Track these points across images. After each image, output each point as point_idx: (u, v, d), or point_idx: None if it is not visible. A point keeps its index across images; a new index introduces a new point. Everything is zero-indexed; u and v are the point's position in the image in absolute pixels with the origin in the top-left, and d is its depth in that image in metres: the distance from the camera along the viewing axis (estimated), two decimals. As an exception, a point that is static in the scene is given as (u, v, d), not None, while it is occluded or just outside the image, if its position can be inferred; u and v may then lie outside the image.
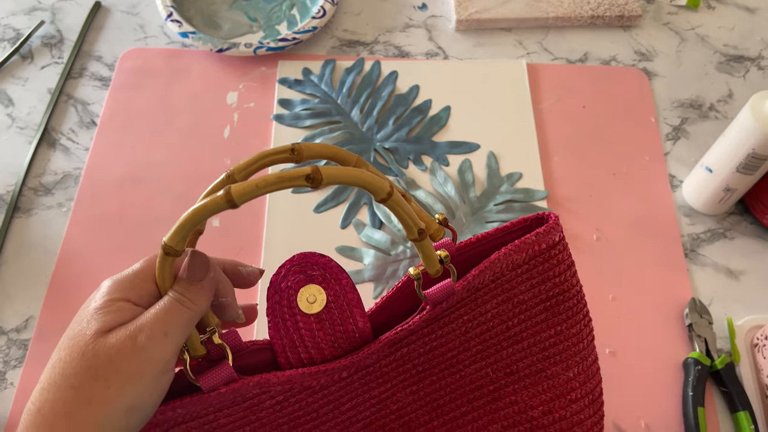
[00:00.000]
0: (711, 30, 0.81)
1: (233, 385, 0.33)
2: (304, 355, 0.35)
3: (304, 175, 0.29)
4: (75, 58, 0.75)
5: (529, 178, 0.68)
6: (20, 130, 0.70)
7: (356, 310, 0.35)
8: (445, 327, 0.37)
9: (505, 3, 0.79)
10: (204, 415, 0.34)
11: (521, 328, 0.38)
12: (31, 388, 0.56)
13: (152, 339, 0.27)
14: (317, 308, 0.35)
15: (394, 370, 0.37)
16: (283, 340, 0.35)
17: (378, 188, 0.31)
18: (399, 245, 0.62)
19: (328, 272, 0.35)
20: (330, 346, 0.35)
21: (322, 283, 0.35)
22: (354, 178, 0.30)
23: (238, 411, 0.35)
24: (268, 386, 0.34)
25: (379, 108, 0.72)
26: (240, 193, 0.29)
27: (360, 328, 0.36)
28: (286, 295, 0.35)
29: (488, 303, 0.38)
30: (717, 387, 0.57)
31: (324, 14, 0.76)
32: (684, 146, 0.72)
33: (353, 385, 0.37)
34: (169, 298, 0.29)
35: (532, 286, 0.38)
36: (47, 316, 0.59)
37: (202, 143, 0.69)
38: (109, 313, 0.28)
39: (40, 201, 0.66)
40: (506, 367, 0.39)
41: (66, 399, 0.26)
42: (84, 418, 0.26)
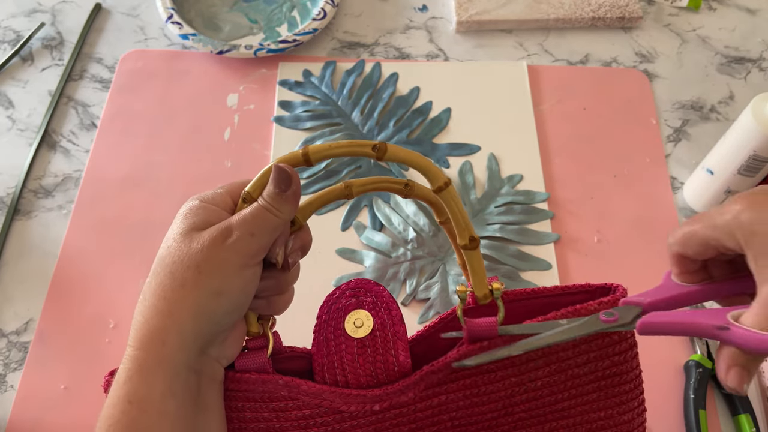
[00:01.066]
0: (712, 31, 0.81)
1: (264, 375, 0.34)
2: (340, 378, 0.35)
3: (371, 145, 0.31)
4: (75, 60, 0.75)
5: (530, 179, 0.67)
6: (20, 132, 0.70)
7: (400, 343, 0.35)
8: (489, 384, 0.36)
9: (506, 4, 0.79)
10: (232, 399, 0.34)
11: (570, 404, 0.36)
12: (31, 390, 0.56)
13: (241, 236, 0.30)
14: (362, 333, 0.35)
15: (429, 417, 0.35)
16: (324, 359, 0.35)
17: (436, 176, 0.32)
18: (399, 247, 0.62)
19: (379, 300, 0.35)
20: (367, 374, 0.35)
21: (372, 310, 0.35)
22: (416, 159, 0.32)
23: (264, 410, 0.34)
24: (297, 392, 0.34)
25: (380, 110, 0.72)
26: (315, 150, 0.32)
27: (400, 362, 0.35)
28: (336, 315, 0.35)
29: (540, 370, 0.36)
30: (718, 390, 0.57)
31: (324, 16, 0.76)
32: (685, 148, 0.72)
33: (384, 424, 0.35)
34: (257, 204, 0.32)
35: (589, 360, 0.36)
36: (47, 319, 0.59)
37: (203, 145, 0.69)
38: (198, 215, 0.32)
39: (40, 203, 0.66)
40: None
41: (164, 284, 0.30)
42: (179, 299, 0.30)
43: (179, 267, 0.30)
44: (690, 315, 0.32)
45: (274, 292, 0.34)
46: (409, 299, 0.60)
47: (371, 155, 0.31)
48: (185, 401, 0.31)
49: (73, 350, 0.57)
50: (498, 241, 0.63)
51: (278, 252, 0.33)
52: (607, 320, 0.34)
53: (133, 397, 0.29)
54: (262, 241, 0.31)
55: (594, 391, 0.37)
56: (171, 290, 0.30)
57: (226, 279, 0.30)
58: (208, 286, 0.30)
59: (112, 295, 0.60)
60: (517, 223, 0.64)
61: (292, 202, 0.32)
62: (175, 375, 0.30)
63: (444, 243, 0.63)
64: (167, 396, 0.30)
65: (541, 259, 0.62)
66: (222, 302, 0.30)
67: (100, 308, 0.59)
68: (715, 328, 0.30)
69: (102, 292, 0.60)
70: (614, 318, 0.34)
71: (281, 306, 0.35)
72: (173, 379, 0.30)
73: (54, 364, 0.57)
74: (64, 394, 0.56)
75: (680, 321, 0.31)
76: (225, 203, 0.33)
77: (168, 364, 0.30)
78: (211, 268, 0.30)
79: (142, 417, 0.29)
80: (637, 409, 0.38)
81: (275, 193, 0.32)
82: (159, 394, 0.30)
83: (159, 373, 0.30)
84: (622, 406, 0.37)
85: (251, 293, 0.32)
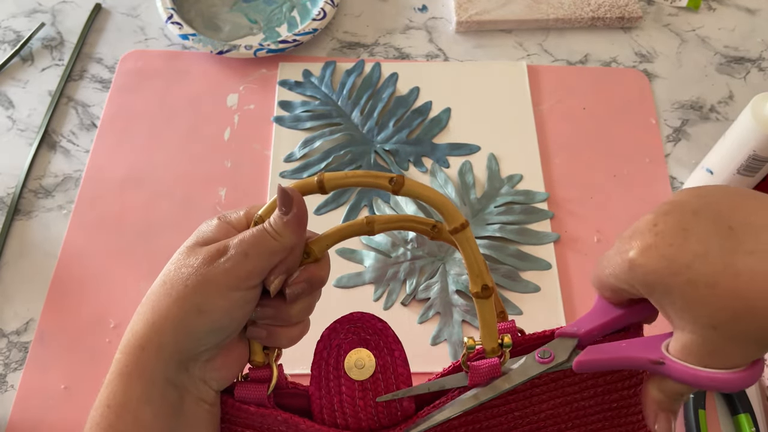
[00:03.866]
0: (711, 31, 0.81)
1: (261, 409, 0.32)
2: (340, 420, 0.33)
3: (388, 178, 0.30)
4: (75, 60, 0.75)
5: (530, 179, 0.68)
6: (21, 132, 0.70)
7: (404, 387, 0.33)
8: (492, 419, 0.34)
9: (506, 4, 0.79)
10: (232, 422, 0.33)
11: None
12: (31, 390, 0.56)
13: (233, 256, 0.30)
14: (364, 375, 0.33)
15: None
16: (323, 399, 0.33)
17: (453, 216, 0.31)
18: (399, 247, 0.62)
19: (382, 340, 0.34)
20: (369, 418, 0.33)
21: (374, 350, 0.33)
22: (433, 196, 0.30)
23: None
24: (296, 430, 0.33)
25: (380, 110, 0.72)
26: (330, 178, 0.31)
27: (404, 407, 0.33)
28: (335, 353, 0.33)
29: (545, 403, 0.35)
30: (718, 389, 0.57)
31: (324, 16, 0.76)
32: (685, 148, 0.72)
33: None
34: (259, 226, 0.31)
35: (596, 394, 0.35)
36: (48, 319, 0.59)
37: (203, 145, 0.69)
38: (208, 231, 0.32)
39: (40, 203, 0.66)
40: None
41: (156, 293, 0.30)
42: (163, 310, 0.30)
43: (173, 278, 0.30)
44: (625, 349, 0.31)
45: (275, 323, 0.32)
46: (409, 299, 0.60)
47: (387, 188, 0.30)
48: (162, 412, 0.30)
49: (73, 350, 0.57)
50: (498, 240, 0.64)
51: (273, 279, 0.31)
52: (543, 361, 0.32)
53: (112, 401, 0.30)
54: (257, 263, 0.30)
55: (599, 421, 0.36)
56: (158, 300, 0.30)
57: (210, 298, 0.30)
58: (192, 301, 0.29)
59: (112, 295, 0.60)
60: (516, 222, 0.64)
61: (293, 226, 0.31)
62: (151, 383, 0.30)
63: (444, 243, 0.63)
64: (143, 402, 0.30)
65: (540, 258, 0.62)
66: (203, 320, 0.30)
67: (100, 308, 0.60)
68: (651, 362, 0.29)
69: (102, 292, 0.60)
70: (550, 358, 0.32)
71: (284, 340, 0.33)
72: (150, 387, 0.30)
73: (54, 364, 0.57)
74: (64, 394, 0.56)
75: (616, 356, 0.31)
76: (240, 224, 0.33)
77: (145, 371, 0.30)
78: (198, 284, 0.29)
79: (118, 421, 0.29)
80: (641, 422, 0.37)
81: (277, 216, 0.31)
82: (135, 400, 0.29)
83: (136, 378, 0.30)
84: (628, 417, 0.36)
85: (239, 318, 0.31)
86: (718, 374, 0.27)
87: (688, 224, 0.27)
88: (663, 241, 0.27)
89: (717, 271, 0.26)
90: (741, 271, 0.25)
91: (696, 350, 0.28)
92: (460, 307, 0.59)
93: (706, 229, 0.27)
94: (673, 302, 0.27)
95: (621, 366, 0.31)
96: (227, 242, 0.31)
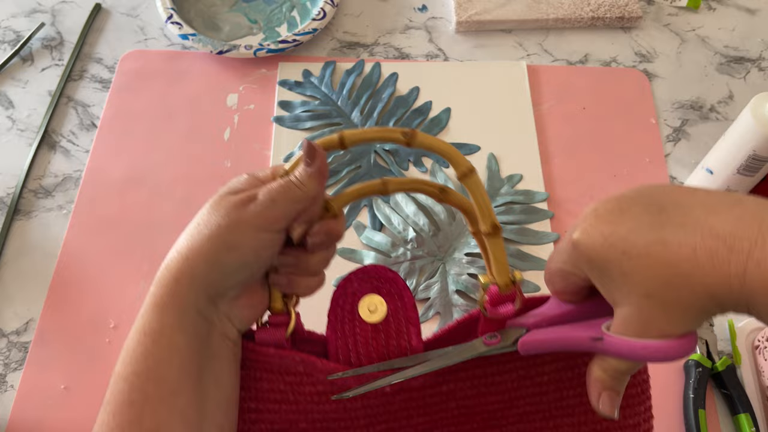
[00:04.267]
0: (711, 31, 0.81)
1: (281, 351, 0.35)
2: (354, 359, 0.36)
3: (401, 132, 0.33)
4: (75, 60, 0.75)
5: (530, 179, 0.68)
6: (20, 132, 0.70)
7: (413, 328, 0.36)
8: (497, 375, 0.36)
9: (506, 4, 0.79)
10: (251, 368, 0.36)
11: (576, 402, 0.37)
12: (31, 390, 0.56)
13: (262, 202, 0.33)
14: (376, 318, 0.36)
15: (437, 404, 0.36)
16: (338, 341, 0.36)
17: (460, 162, 0.33)
18: (399, 247, 0.62)
19: (393, 287, 0.36)
20: (380, 357, 0.35)
21: (386, 296, 0.36)
22: (442, 146, 0.33)
23: (279, 383, 0.36)
24: (312, 369, 0.35)
25: (380, 110, 0.72)
26: (349, 134, 0.34)
27: (413, 347, 0.36)
28: (350, 299, 0.36)
29: (548, 365, 0.36)
30: (718, 389, 0.57)
31: (324, 16, 0.76)
32: (684, 148, 0.72)
33: (393, 407, 0.36)
34: (285, 177, 0.34)
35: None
36: (48, 319, 0.59)
37: (203, 145, 0.69)
38: (237, 184, 0.35)
39: (40, 203, 0.66)
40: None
41: (192, 232, 0.33)
42: (197, 246, 0.33)
43: (207, 220, 0.33)
44: (567, 330, 0.32)
45: (295, 271, 0.35)
46: (408, 299, 0.60)
47: (401, 141, 0.33)
48: (193, 341, 0.33)
49: (73, 350, 0.57)
50: (501, 239, 0.63)
51: (296, 227, 0.34)
52: (488, 343, 0.35)
53: (147, 329, 0.32)
54: (283, 209, 0.33)
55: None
56: (193, 239, 0.33)
57: (240, 236, 0.33)
58: (224, 239, 0.32)
59: (112, 295, 0.60)
60: (516, 222, 0.64)
61: (316, 177, 0.34)
62: (184, 312, 0.32)
63: (444, 243, 0.63)
64: (176, 330, 0.32)
65: (540, 258, 0.62)
66: (233, 256, 0.33)
67: (100, 308, 0.60)
68: (590, 339, 0.31)
69: (102, 292, 0.60)
70: (496, 341, 0.35)
71: (302, 288, 0.36)
72: (182, 316, 0.32)
73: (54, 364, 0.57)
74: (64, 394, 0.56)
75: (557, 336, 0.32)
76: (267, 179, 0.36)
77: (178, 301, 0.32)
78: (230, 224, 0.33)
79: (154, 347, 0.32)
80: (643, 415, 0.38)
81: (302, 168, 0.34)
82: (169, 328, 0.32)
83: (170, 308, 0.32)
84: (628, 409, 0.37)
85: (265, 258, 0.34)
86: (651, 343, 0.29)
87: (624, 206, 0.30)
88: (601, 221, 0.30)
89: (648, 242, 0.28)
90: (670, 241, 0.27)
91: (633, 321, 0.29)
92: (460, 306, 0.59)
93: (640, 209, 0.29)
94: (612, 276, 0.29)
95: (564, 346, 0.32)
96: (257, 191, 0.34)
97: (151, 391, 0.31)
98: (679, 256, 0.27)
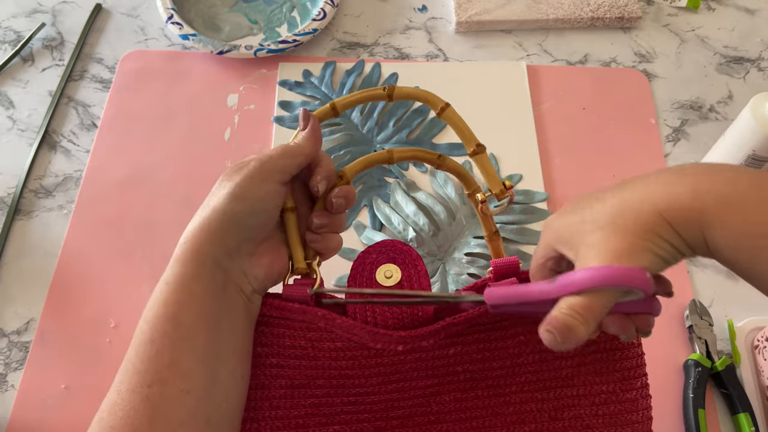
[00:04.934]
0: (711, 31, 0.81)
1: (305, 306, 0.38)
2: (370, 318, 0.39)
3: (383, 88, 0.40)
4: (76, 60, 0.75)
5: (530, 179, 0.68)
6: (21, 132, 0.70)
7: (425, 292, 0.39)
8: (501, 340, 0.39)
9: (505, 5, 0.79)
10: (274, 325, 0.39)
11: (572, 372, 0.38)
12: (32, 390, 0.56)
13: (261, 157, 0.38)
14: (392, 283, 0.39)
15: (445, 367, 0.39)
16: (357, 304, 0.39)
17: (435, 102, 0.40)
18: (399, 247, 0.62)
19: (407, 257, 0.40)
20: (394, 317, 0.38)
21: (401, 265, 0.40)
22: (417, 92, 0.40)
23: (301, 338, 0.39)
24: (332, 325, 0.38)
25: (380, 110, 0.72)
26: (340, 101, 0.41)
27: (424, 310, 0.38)
28: (369, 268, 0.40)
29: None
30: (717, 389, 0.57)
31: (324, 16, 0.76)
32: (684, 148, 0.72)
33: (405, 366, 0.38)
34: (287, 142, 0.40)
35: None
36: (48, 319, 0.59)
37: (203, 145, 0.69)
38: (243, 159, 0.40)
39: (40, 203, 0.66)
40: (552, 410, 0.38)
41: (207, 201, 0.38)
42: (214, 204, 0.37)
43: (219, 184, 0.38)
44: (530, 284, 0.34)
45: (326, 230, 0.41)
46: (408, 299, 0.60)
47: (384, 97, 0.40)
48: (210, 290, 0.36)
49: (74, 350, 0.58)
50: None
51: (319, 180, 0.39)
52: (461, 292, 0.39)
53: (170, 279, 0.36)
54: (282, 162, 0.38)
55: (595, 362, 0.38)
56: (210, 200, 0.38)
57: (246, 188, 0.37)
58: (233, 192, 0.37)
59: (112, 295, 0.60)
60: (516, 222, 0.65)
61: (309, 136, 0.40)
62: (202, 263, 0.36)
63: (444, 243, 0.63)
64: (195, 278, 0.35)
65: (540, 258, 0.62)
66: (243, 204, 0.37)
67: (101, 308, 0.60)
68: (546, 282, 0.32)
69: (102, 292, 0.60)
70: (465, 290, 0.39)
71: (333, 244, 0.41)
72: (200, 266, 0.36)
73: (54, 364, 0.57)
74: (64, 394, 0.56)
75: (521, 288, 0.34)
76: None
77: (197, 253, 0.36)
78: (237, 181, 0.37)
79: (174, 294, 0.35)
80: (641, 390, 0.39)
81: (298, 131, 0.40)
82: (189, 277, 0.35)
83: (190, 260, 0.36)
84: (625, 382, 0.38)
85: (271, 209, 0.38)
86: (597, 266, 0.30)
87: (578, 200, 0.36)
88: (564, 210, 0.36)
89: (607, 194, 0.33)
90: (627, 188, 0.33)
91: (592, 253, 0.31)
92: (459, 306, 0.60)
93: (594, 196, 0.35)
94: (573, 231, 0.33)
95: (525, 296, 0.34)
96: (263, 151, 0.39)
97: (169, 330, 0.34)
98: (634, 190, 0.32)
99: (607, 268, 0.29)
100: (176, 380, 0.33)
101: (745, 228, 0.29)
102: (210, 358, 0.35)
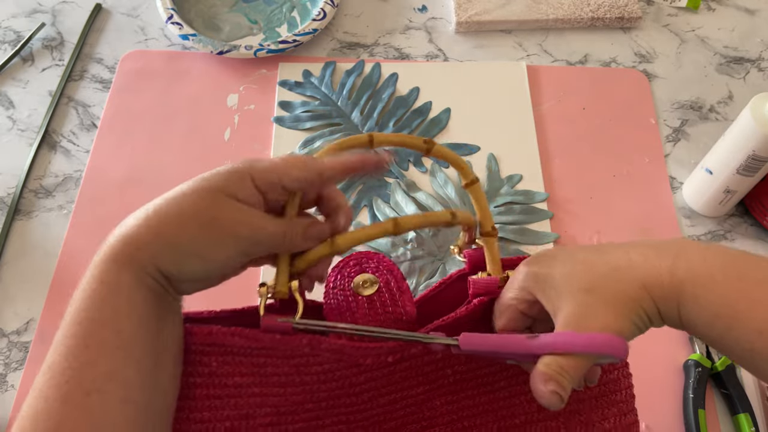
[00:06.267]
0: (711, 31, 0.81)
1: (287, 337, 0.36)
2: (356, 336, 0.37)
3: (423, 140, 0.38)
4: (76, 60, 0.75)
5: (530, 179, 0.68)
6: (21, 132, 0.70)
7: (405, 296, 0.38)
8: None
9: (505, 5, 0.79)
10: (255, 354, 0.36)
11: None
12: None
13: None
14: (370, 291, 0.38)
15: (434, 372, 0.38)
16: (337, 317, 0.38)
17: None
18: (399, 247, 0.62)
19: (381, 264, 0.39)
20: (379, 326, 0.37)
21: (376, 273, 0.39)
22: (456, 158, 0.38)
23: (285, 366, 0.36)
24: (318, 349, 0.36)
25: (380, 110, 0.72)
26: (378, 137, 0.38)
27: (408, 312, 0.38)
28: (343, 281, 0.39)
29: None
30: (717, 389, 0.57)
31: (324, 16, 0.76)
32: (684, 148, 0.72)
33: (395, 377, 0.38)
34: None
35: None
36: (48, 319, 0.59)
37: (203, 145, 0.69)
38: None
39: (40, 203, 0.66)
40: None
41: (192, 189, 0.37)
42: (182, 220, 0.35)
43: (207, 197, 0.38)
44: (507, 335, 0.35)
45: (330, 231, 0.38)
46: (408, 299, 0.60)
47: (422, 148, 0.37)
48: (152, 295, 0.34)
49: (74, 350, 0.58)
50: (497, 240, 0.63)
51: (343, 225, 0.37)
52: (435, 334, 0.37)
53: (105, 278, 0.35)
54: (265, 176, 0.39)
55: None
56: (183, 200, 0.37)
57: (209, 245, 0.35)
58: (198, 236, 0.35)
59: (112, 295, 0.60)
60: (516, 223, 0.65)
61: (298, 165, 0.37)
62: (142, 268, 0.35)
63: (444, 243, 0.63)
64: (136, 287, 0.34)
65: (540, 258, 0.62)
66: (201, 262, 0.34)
67: (101, 308, 0.60)
68: (526, 337, 0.33)
69: (102, 291, 0.60)
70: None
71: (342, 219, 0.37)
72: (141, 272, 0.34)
73: (54, 364, 0.57)
74: (64, 394, 0.56)
75: (498, 337, 0.35)
76: None
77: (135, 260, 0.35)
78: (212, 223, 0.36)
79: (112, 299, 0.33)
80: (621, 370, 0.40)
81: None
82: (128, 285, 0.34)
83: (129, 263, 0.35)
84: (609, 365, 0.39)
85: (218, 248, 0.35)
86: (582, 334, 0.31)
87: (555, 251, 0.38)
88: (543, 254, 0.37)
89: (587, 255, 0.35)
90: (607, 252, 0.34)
91: (574, 317, 0.32)
92: (459, 306, 0.60)
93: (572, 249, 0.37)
94: (555, 282, 0.34)
95: (502, 345, 0.34)
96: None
97: (108, 338, 0.32)
98: (616, 259, 0.33)
99: (595, 336, 0.31)
100: (117, 389, 0.31)
101: (716, 308, 0.31)
102: (150, 368, 0.33)
